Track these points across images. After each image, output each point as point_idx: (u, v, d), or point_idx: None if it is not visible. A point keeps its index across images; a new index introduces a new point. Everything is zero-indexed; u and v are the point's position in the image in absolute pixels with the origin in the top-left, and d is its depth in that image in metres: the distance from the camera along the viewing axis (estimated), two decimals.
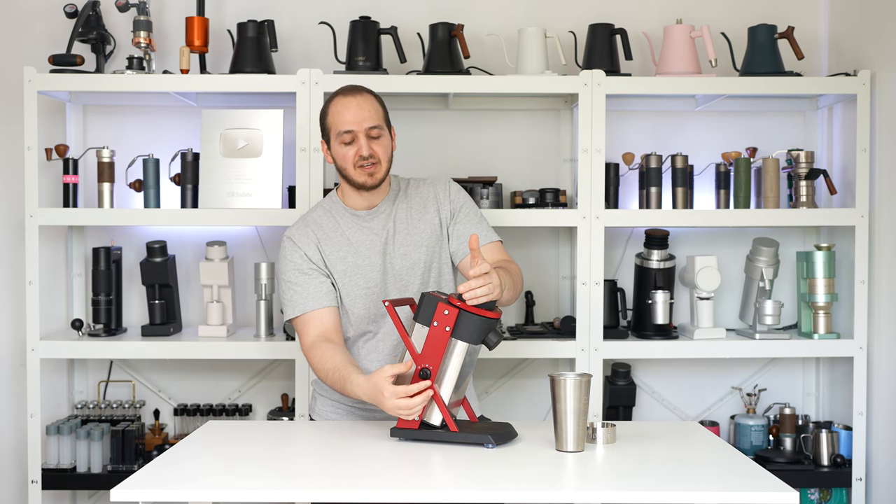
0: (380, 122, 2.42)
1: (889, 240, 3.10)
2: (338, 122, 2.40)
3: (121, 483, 1.85)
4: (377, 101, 2.45)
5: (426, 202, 2.50)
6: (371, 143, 2.40)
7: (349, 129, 2.39)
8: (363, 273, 2.44)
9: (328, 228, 2.48)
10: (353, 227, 2.47)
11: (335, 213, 2.50)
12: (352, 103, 2.40)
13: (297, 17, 3.43)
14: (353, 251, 2.45)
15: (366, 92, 2.44)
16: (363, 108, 2.40)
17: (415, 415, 2.14)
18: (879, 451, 3.15)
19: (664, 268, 3.26)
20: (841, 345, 3.19)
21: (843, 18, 3.38)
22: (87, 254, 3.39)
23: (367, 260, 2.44)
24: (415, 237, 2.47)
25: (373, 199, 2.48)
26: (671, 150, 3.38)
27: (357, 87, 2.45)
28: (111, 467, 3.19)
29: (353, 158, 2.40)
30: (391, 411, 2.14)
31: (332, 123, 2.43)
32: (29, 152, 3.09)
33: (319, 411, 2.54)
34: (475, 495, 1.84)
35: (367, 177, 2.41)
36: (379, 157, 2.41)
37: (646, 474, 1.97)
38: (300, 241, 2.45)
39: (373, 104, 2.42)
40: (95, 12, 3.19)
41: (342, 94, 2.44)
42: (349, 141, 2.39)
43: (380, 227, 2.47)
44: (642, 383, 3.49)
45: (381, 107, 2.45)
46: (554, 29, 3.30)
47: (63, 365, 3.41)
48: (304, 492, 1.84)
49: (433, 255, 2.47)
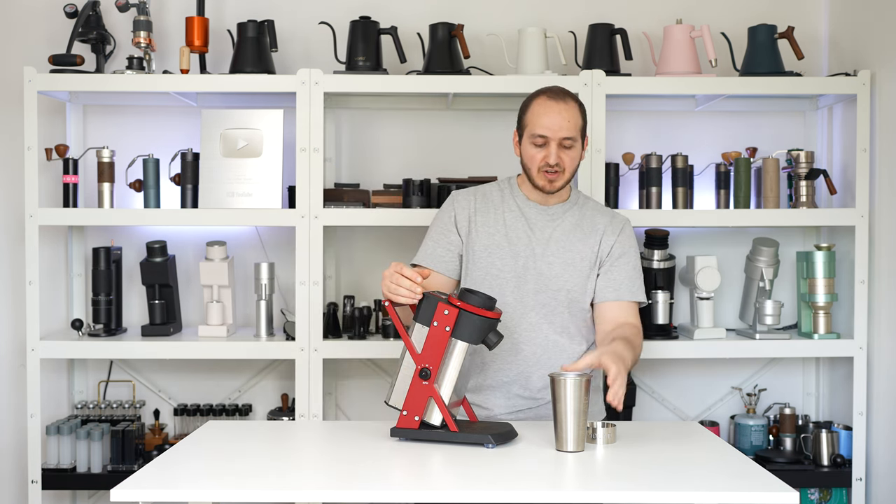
0: (575, 135, 2.39)
1: (889, 240, 3.10)
2: (535, 123, 2.39)
3: (121, 483, 1.84)
4: (580, 112, 2.42)
5: (595, 228, 2.47)
6: (560, 153, 2.39)
7: (543, 135, 2.38)
8: (502, 256, 2.44)
9: (492, 202, 2.49)
10: (515, 210, 2.48)
11: (506, 193, 2.51)
12: (554, 109, 2.38)
13: (297, 17, 3.43)
14: (503, 232, 2.45)
15: (571, 100, 2.41)
16: (563, 118, 2.37)
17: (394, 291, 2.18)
18: (879, 451, 3.15)
19: (664, 268, 3.26)
20: (841, 345, 3.19)
21: (843, 18, 3.38)
22: (87, 254, 3.39)
23: (514, 246, 2.44)
24: (568, 253, 2.44)
25: (547, 199, 2.48)
26: (671, 150, 3.38)
27: (564, 93, 2.42)
28: (111, 467, 3.19)
29: (539, 163, 2.40)
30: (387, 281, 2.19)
31: (529, 121, 2.41)
32: (29, 152, 3.09)
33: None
34: (475, 495, 1.84)
35: (548, 182, 2.41)
36: (565, 167, 2.40)
37: (646, 474, 1.97)
38: (458, 202, 2.50)
39: (574, 114, 2.40)
40: (95, 12, 3.19)
41: (549, 95, 2.41)
42: (541, 144, 2.39)
43: (542, 224, 2.46)
44: (642, 383, 3.49)
45: (581, 118, 2.42)
46: (554, 29, 3.30)
47: (63, 365, 3.41)
48: (304, 492, 1.84)
49: (577, 278, 2.44)
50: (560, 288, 2.42)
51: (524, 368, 2.43)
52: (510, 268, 2.43)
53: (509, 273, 2.43)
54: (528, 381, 2.43)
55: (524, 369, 2.43)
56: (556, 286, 2.42)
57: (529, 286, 2.42)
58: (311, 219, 3.09)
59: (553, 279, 2.42)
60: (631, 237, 2.50)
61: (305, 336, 3.10)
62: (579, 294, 2.44)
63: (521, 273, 2.43)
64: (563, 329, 2.44)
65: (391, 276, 2.19)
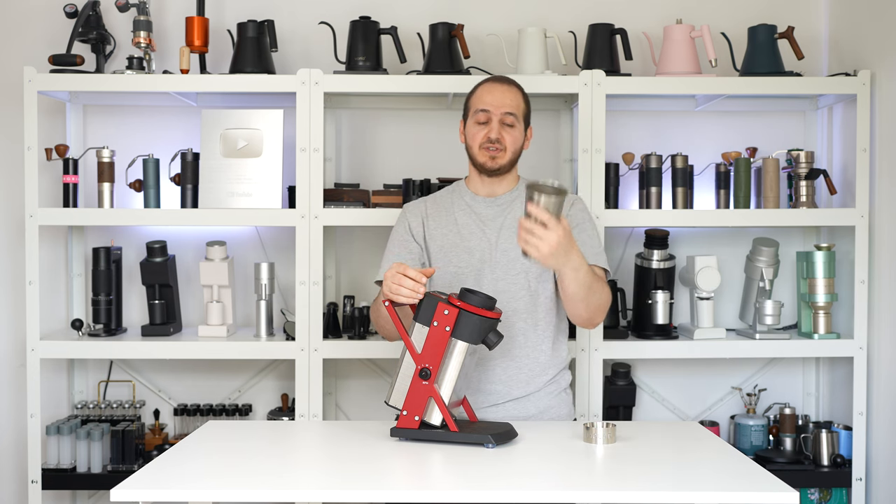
0: (516, 112, 2.49)
1: (889, 240, 3.10)
2: (478, 100, 2.51)
3: (121, 483, 1.85)
4: (522, 96, 2.54)
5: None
6: (502, 129, 2.48)
7: (485, 109, 2.47)
8: (458, 254, 2.49)
9: (441, 205, 2.56)
10: (465, 209, 2.54)
11: (456, 193, 2.58)
12: (497, 89, 2.51)
13: (297, 17, 3.43)
14: (456, 231, 2.51)
15: (515, 86, 2.54)
16: (506, 96, 2.49)
17: (395, 291, 2.16)
18: (879, 451, 3.15)
19: (664, 268, 3.26)
20: (841, 345, 3.19)
21: (843, 18, 3.38)
22: (87, 254, 3.39)
23: (467, 243, 2.49)
24: None
25: (494, 188, 2.54)
26: (671, 150, 3.38)
27: (509, 79, 2.56)
28: (111, 467, 3.19)
29: (481, 139, 2.48)
30: (389, 280, 2.18)
31: (473, 103, 2.53)
32: (29, 152, 3.09)
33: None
34: (475, 495, 1.84)
35: (490, 159, 2.48)
36: (505, 145, 2.48)
37: (646, 474, 1.97)
38: (410, 211, 2.59)
39: (516, 95, 2.52)
40: (95, 12, 3.19)
41: (493, 79, 2.55)
42: (483, 121, 2.48)
43: (491, 216, 2.52)
44: (642, 383, 3.49)
45: (524, 103, 2.53)
46: (554, 29, 3.29)
47: (63, 365, 3.41)
48: (304, 492, 1.84)
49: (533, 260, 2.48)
50: (518, 272, 2.47)
51: (487, 360, 2.44)
52: (467, 264, 2.48)
53: (467, 269, 2.47)
54: (492, 374, 2.45)
55: (487, 361, 2.45)
56: (515, 271, 2.47)
57: (488, 278, 2.46)
58: (311, 219, 3.09)
59: (510, 266, 2.47)
60: (583, 211, 2.55)
61: (305, 336, 3.10)
62: (538, 275, 2.47)
63: (479, 267, 2.47)
64: (527, 315, 2.47)
65: (393, 276, 2.20)
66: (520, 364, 2.45)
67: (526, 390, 2.46)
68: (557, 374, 2.52)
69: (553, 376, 2.50)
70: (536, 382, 2.47)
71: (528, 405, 2.46)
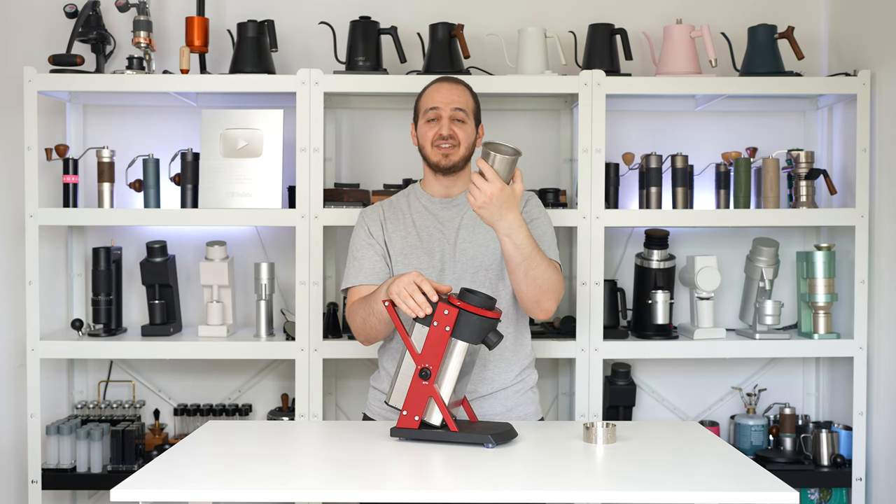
0: (466, 108, 2.51)
1: (889, 240, 3.10)
2: (427, 101, 2.54)
3: (121, 483, 1.85)
4: (470, 94, 2.56)
5: None
6: (453, 126, 2.49)
7: (434, 107, 2.49)
8: (418, 256, 2.49)
9: (398, 208, 2.57)
10: (422, 211, 2.55)
11: (412, 196, 2.59)
12: (444, 87, 2.53)
13: (297, 17, 3.43)
14: (414, 233, 2.51)
15: (463, 84, 2.56)
16: (454, 93, 2.52)
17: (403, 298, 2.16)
18: (879, 451, 3.15)
19: (664, 268, 3.26)
20: (841, 345, 3.19)
21: (843, 18, 3.38)
22: (87, 254, 3.39)
23: (427, 244, 2.49)
24: (478, 236, 2.49)
25: (450, 187, 2.55)
26: (671, 150, 3.38)
27: (457, 78, 2.59)
28: (111, 467, 3.19)
29: (432, 137, 2.49)
30: (402, 285, 2.17)
31: (422, 103, 2.56)
32: (29, 152, 3.09)
33: (373, 409, 2.57)
34: (475, 495, 1.84)
35: (443, 157, 2.49)
36: (458, 140, 2.50)
37: (646, 474, 1.97)
38: (367, 216, 2.57)
39: (464, 92, 2.54)
40: (95, 12, 3.19)
41: (441, 79, 2.58)
42: (433, 118, 2.49)
43: (449, 217, 2.53)
44: (642, 383, 3.49)
45: (472, 100, 2.55)
46: (554, 29, 3.29)
47: (63, 365, 3.41)
48: (304, 492, 1.84)
49: (492, 256, 2.48)
50: (478, 269, 2.48)
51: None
52: (427, 265, 2.48)
53: (428, 270, 2.48)
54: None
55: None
56: (474, 268, 2.48)
57: (449, 278, 2.47)
58: (311, 219, 3.09)
59: (469, 263, 2.48)
60: (537, 207, 2.56)
61: (305, 336, 3.10)
62: (498, 271, 2.48)
63: (440, 267, 2.48)
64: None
65: (408, 284, 2.18)
66: (484, 361, 2.46)
67: (492, 388, 2.46)
68: (522, 372, 2.52)
69: (518, 373, 2.51)
70: (502, 380, 2.47)
71: (496, 403, 2.47)
